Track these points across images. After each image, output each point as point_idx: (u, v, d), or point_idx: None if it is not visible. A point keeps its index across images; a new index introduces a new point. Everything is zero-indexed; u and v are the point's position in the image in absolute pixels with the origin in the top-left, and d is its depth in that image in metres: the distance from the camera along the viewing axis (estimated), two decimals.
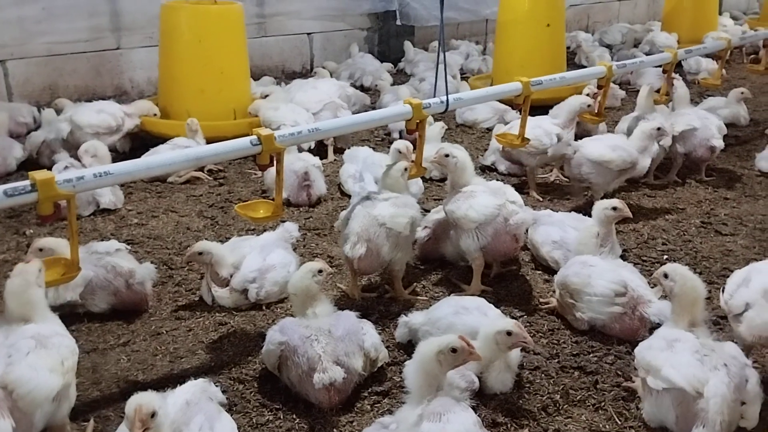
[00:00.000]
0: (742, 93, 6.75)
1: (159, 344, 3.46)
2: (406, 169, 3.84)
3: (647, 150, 4.95)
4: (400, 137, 5.97)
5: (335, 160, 6.05)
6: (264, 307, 3.75)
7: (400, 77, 9.03)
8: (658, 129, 4.93)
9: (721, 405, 2.53)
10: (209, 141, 4.99)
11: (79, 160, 5.06)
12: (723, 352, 2.71)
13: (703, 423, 2.54)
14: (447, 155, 3.97)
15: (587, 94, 5.65)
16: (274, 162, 3.38)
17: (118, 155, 5.82)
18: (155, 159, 3.16)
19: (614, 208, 3.79)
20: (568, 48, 10.59)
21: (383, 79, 8.19)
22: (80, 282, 3.53)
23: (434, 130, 5.80)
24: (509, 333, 2.90)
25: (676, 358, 2.67)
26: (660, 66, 6.17)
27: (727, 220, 4.90)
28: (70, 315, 3.62)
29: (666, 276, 2.98)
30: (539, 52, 7.54)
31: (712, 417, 2.52)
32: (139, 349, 3.43)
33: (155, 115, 6.23)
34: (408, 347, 3.30)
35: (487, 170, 5.83)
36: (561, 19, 7.84)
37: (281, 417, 2.95)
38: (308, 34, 9.11)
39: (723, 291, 3.01)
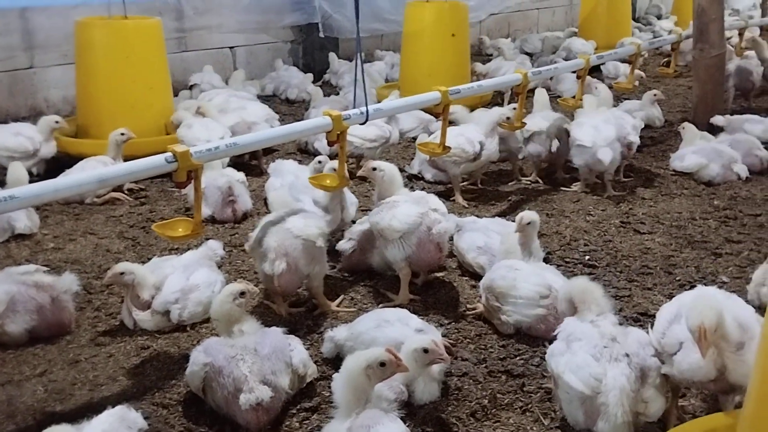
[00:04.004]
0: (655, 95, 7.02)
1: (77, 373, 3.33)
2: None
3: None
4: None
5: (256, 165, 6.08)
6: (188, 328, 3.66)
7: (326, 89, 9.02)
8: None
9: (620, 397, 2.56)
10: (133, 158, 4.85)
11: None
12: (627, 340, 2.73)
13: (605, 416, 2.58)
14: (374, 168, 3.98)
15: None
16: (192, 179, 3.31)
17: (33, 178, 5.60)
18: (64, 181, 3.05)
19: (526, 223, 3.83)
20: (489, 56, 10.83)
21: (309, 92, 8.19)
22: None
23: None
24: (425, 350, 2.90)
25: (574, 360, 2.67)
26: (574, 72, 6.35)
27: (645, 219, 5.05)
28: None
29: None
30: (445, 61, 7.71)
31: (612, 410, 2.56)
32: (56, 378, 3.29)
33: (57, 122, 5.94)
34: (336, 361, 3.26)
35: (413, 179, 5.87)
36: (465, 29, 8.05)
37: None
38: (231, 47, 9.01)
39: (652, 328, 2.82)
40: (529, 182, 5.84)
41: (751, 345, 2.58)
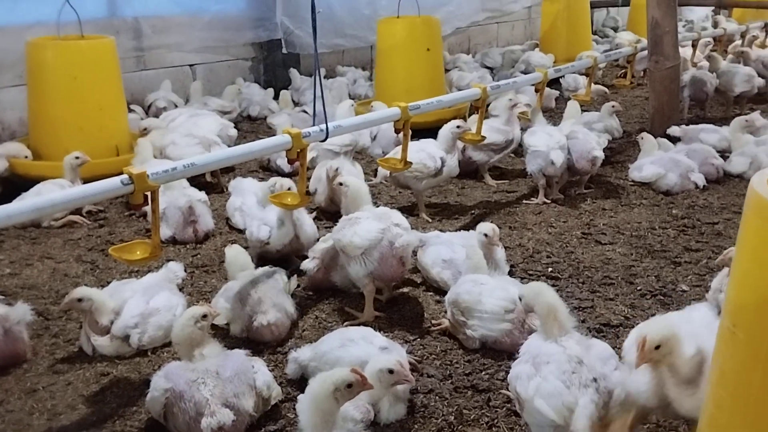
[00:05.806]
0: (614, 107, 7.13)
1: (35, 402, 3.24)
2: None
3: None
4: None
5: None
6: (149, 353, 3.59)
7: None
8: None
9: (589, 427, 2.53)
10: (90, 180, 4.76)
11: None
12: (591, 359, 2.68)
13: None
14: (341, 183, 3.98)
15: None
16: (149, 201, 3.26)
17: None
18: (16, 206, 2.96)
19: (485, 235, 3.86)
20: (448, 70, 10.91)
21: (272, 107, 8.16)
22: None
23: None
24: (391, 371, 2.88)
25: (545, 386, 2.62)
26: (533, 85, 6.44)
27: (605, 230, 5.11)
28: None
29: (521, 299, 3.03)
30: (421, 76, 7.75)
31: None
32: (13, 408, 3.19)
33: (26, 157, 5.91)
34: (300, 382, 3.22)
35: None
36: (439, 44, 8.11)
37: None
38: (190, 65, 8.94)
39: (615, 339, 2.86)
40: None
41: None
